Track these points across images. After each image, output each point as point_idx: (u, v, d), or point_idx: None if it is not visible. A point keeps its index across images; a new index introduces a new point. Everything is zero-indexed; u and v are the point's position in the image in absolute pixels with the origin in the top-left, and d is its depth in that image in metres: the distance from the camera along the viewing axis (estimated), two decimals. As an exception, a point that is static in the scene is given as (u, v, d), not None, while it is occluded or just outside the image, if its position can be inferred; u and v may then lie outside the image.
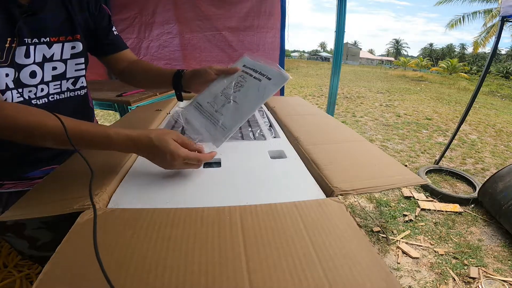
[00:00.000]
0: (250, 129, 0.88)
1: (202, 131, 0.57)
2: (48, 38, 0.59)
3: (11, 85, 0.54)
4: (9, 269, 0.73)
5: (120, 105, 1.69)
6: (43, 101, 0.62)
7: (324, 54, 57.78)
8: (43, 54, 0.59)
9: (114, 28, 0.75)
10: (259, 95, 0.58)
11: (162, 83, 0.74)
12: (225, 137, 0.54)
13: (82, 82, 0.71)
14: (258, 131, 0.85)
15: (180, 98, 0.74)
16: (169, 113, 1.05)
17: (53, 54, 0.61)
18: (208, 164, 0.63)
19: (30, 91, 0.59)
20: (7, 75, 0.53)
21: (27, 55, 0.56)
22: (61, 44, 0.62)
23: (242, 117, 0.56)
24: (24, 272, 0.73)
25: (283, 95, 2.43)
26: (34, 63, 0.58)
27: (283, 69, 0.60)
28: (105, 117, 4.28)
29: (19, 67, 0.55)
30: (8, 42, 0.52)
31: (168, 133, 0.51)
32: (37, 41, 0.57)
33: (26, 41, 0.55)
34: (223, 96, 0.61)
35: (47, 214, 0.42)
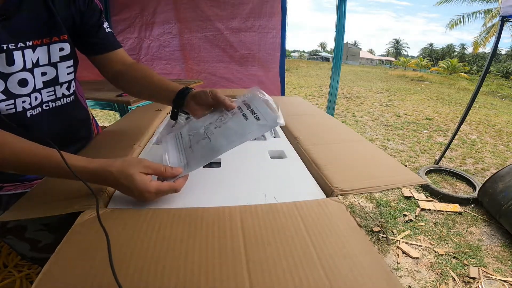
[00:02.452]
0: (250, 129, 0.88)
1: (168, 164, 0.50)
2: (31, 42, 0.53)
3: (1, 97, 0.50)
4: (9, 269, 0.73)
5: (120, 105, 1.69)
6: (38, 111, 0.58)
7: (324, 54, 57.78)
8: (31, 59, 0.54)
9: (106, 25, 0.67)
10: (237, 135, 0.49)
11: (164, 99, 0.64)
12: (179, 177, 0.47)
13: (73, 86, 0.66)
14: (258, 131, 0.85)
15: (174, 117, 0.63)
16: (169, 113, 1.05)
17: (38, 58, 0.55)
18: (208, 164, 0.62)
19: (24, 101, 0.54)
20: None
21: (10, 62, 0.50)
22: (46, 46, 0.56)
23: (207, 158, 0.48)
24: (24, 272, 0.73)
25: (283, 95, 2.44)
26: (24, 69, 0.53)
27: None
28: (105, 117, 4.28)
29: (4, 76, 0.50)
30: None
31: (133, 165, 0.43)
32: (22, 45, 0.52)
33: (5, 47, 0.49)
34: (203, 131, 0.53)
35: (47, 214, 0.42)
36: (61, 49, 0.59)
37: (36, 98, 0.57)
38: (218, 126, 0.52)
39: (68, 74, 0.63)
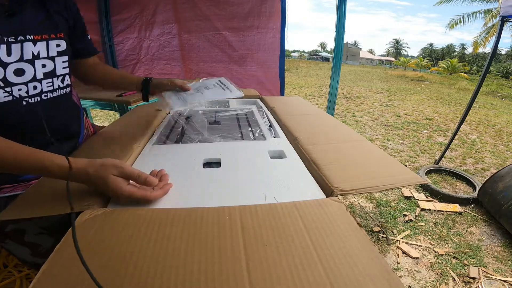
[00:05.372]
0: (250, 129, 0.88)
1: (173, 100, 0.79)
2: (32, 36, 0.59)
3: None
4: (9, 269, 0.73)
5: (120, 105, 1.70)
6: (36, 100, 0.61)
7: (324, 54, 57.73)
8: (32, 52, 0.59)
9: (87, 32, 0.78)
10: (218, 95, 0.85)
11: (129, 87, 0.85)
12: (186, 103, 0.79)
13: (67, 80, 0.71)
14: (258, 131, 0.85)
15: (146, 99, 0.84)
16: (169, 113, 1.05)
17: (38, 52, 0.61)
18: (208, 164, 0.63)
19: (20, 89, 0.58)
20: None
21: (8, 53, 0.55)
22: (45, 42, 0.62)
23: (199, 99, 0.80)
24: (24, 272, 0.73)
25: (283, 95, 2.43)
26: (21, 60, 0.57)
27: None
28: (105, 117, 4.28)
29: (4, 65, 0.55)
30: None
31: (109, 168, 0.46)
32: (22, 38, 0.57)
33: (6, 40, 0.54)
34: (195, 91, 0.83)
35: (44, 214, 0.42)
36: (58, 45, 0.65)
37: (35, 88, 0.61)
38: (205, 90, 0.85)
39: (63, 68, 0.68)
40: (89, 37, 0.78)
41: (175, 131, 0.86)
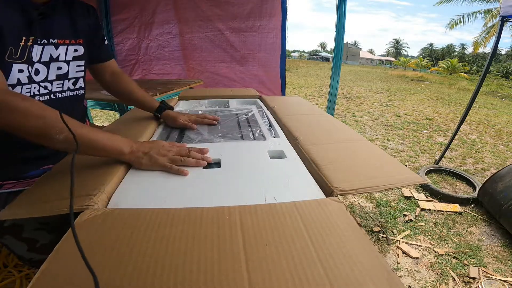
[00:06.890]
0: (250, 129, 0.88)
1: None
2: (56, 40, 0.64)
3: (25, 81, 0.58)
4: (9, 269, 0.73)
5: (120, 105, 1.70)
6: (45, 98, 0.65)
7: (324, 54, 57.72)
8: (50, 54, 0.64)
9: (105, 37, 0.82)
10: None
11: (145, 107, 0.91)
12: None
13: (81, 83, 0.74)
14: (258, 131, 0.84)
15: (158, 118, 0.91)
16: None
17: (58, 55, 0.66)
18: (208, 165, 0.63)
19: (34, 88, 0.62)
20: (21, 71, 0.56)
21: (34, 54, 0.60)
22: (66, 46, 0.67)
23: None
24: (24, 272, 0.73)
25: (284, 94, 2.44)
26: (39, 62, 0.62)
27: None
28: (105, 117, 4.28)
29: (32, 64, 0.59)
30: (23, 40, 0.56)
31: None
32: (46, 41, 0.62)
33: (38, 41, 0.60)
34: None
35: (45, 214, 0.42)
36: (75, 50, 0.70)
37: (46, 87, 0.65)
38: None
39: (76, 71, 0.72)
40: (106, 43, 0.82)
41: (175, 131, 0.86)
